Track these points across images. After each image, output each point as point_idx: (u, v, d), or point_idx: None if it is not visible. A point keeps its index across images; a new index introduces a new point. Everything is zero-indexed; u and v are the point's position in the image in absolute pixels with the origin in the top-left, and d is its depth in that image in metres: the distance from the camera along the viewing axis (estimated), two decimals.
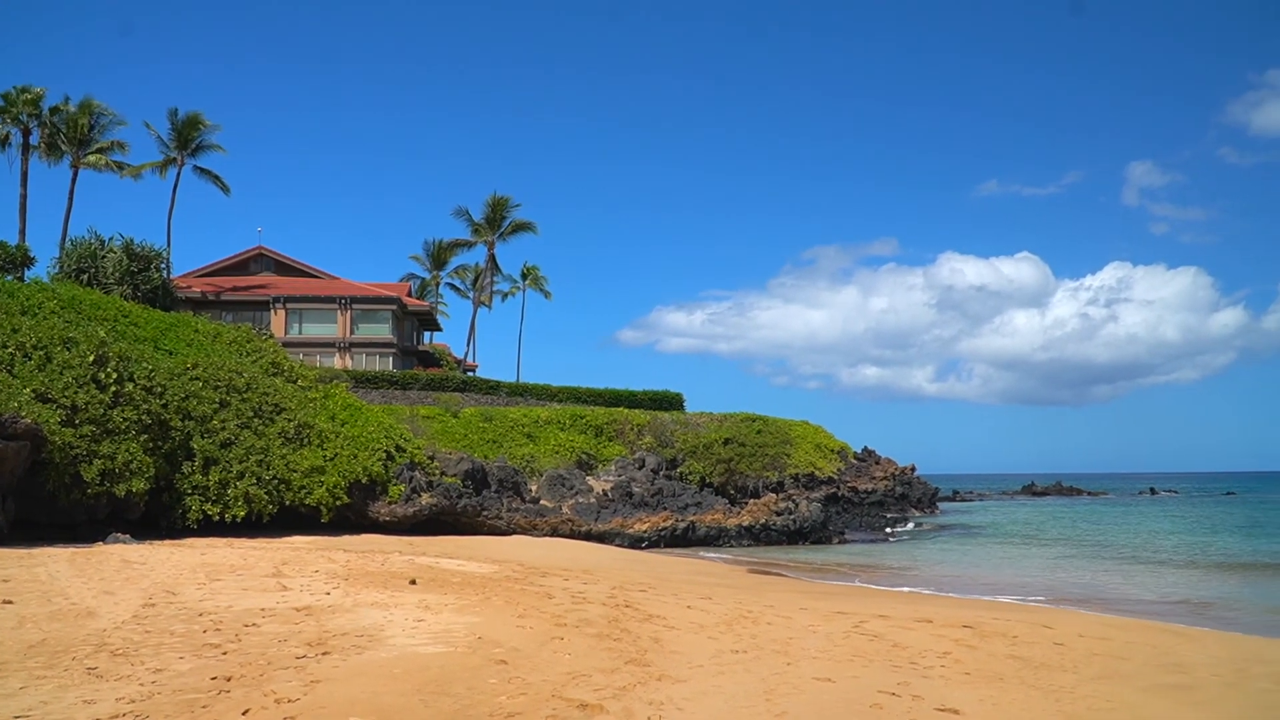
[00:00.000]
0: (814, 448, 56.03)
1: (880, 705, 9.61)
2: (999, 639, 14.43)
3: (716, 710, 9.06)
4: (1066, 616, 18.53)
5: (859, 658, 12.33)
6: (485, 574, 19.88)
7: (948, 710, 9.64)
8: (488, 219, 69.00)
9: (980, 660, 12.69)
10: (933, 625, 15.52)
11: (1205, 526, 53.52)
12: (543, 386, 57.34)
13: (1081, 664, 12.78)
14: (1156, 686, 11.61)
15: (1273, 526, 52.20)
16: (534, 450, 45.55)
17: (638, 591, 18.50)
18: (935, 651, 13.09)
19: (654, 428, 51.38)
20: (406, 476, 33.48)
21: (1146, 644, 14.71)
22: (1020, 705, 10.13)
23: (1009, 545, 41.25)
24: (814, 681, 10.60)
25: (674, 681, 10.19)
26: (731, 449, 51.17)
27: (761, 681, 10.43)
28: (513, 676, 9.82)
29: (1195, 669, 12.80)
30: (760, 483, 50.02)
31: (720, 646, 12.61)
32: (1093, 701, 10.51)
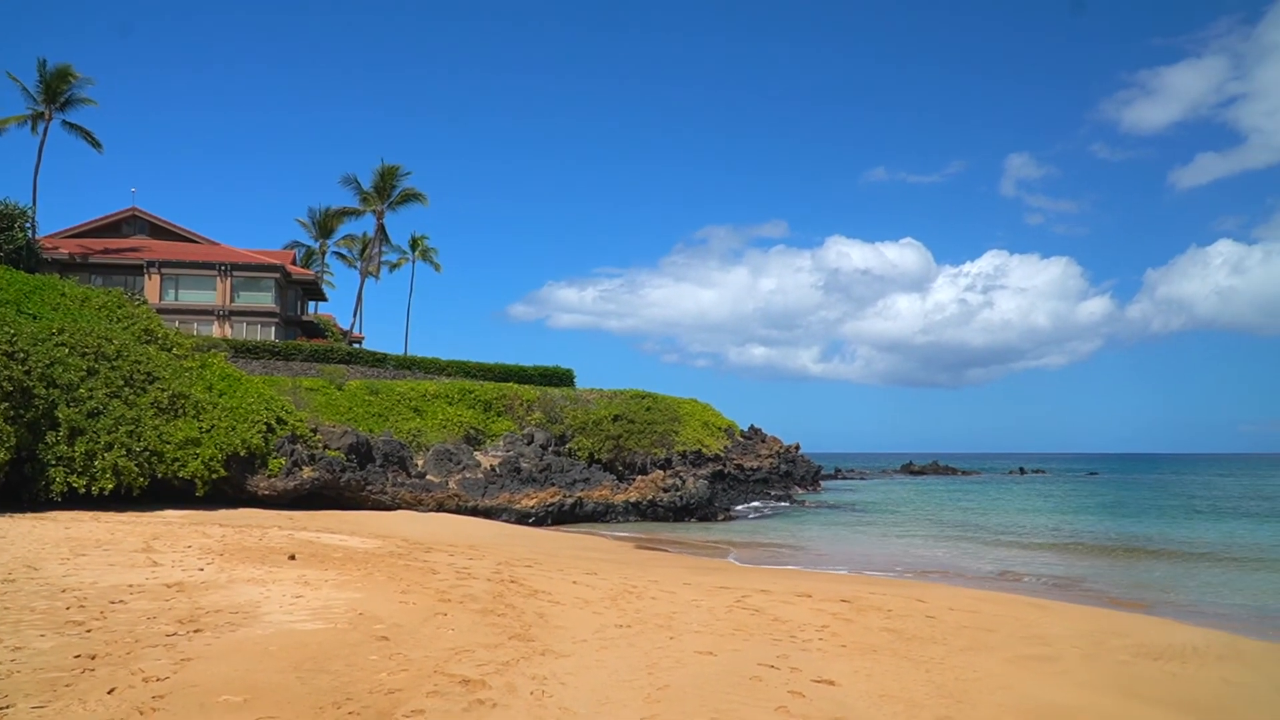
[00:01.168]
0: (702, 425, 56.59)
1: (759, 678, 9.80)
2: (875, 613, 14.87)
3: (600, 684, 9.11)
4: (938, 591, 19.19)
5: (740, 631, 12.55)
6: (368, 549, 19.57)
7: (824, 681, 9.89)
8: (377, 188, 67.37)
9: (857, 633, 13.05)
10: (812, 600, 15.89)
11: (1069, 506, 56.05)
12: (431, 360, 56.50)
13: (951, 636, 13.26)
14: (1021, 658, 12.13)
15: (1133, 506, 54.95)
16: (421, 424, 44.91)
17: (523, 567, 18.46)
18: (814, 625, 13.41)
19: (544, 404, 51.19)
20: (287, 450, 32.64)
21: (1012, 617, 15.34)
22: (893, 676, 10.46)
23: (887, 522, 42.48)
24: (696, 655, 10.75)
25: (558, 656, 10.21)
26: (621, 426, 51.33)
27: (645, 655, 10.53)
28: (394, 653, 9.70)
29: (1057, 641, 13.41)
30: (649, 460, 50.34)
31: (605, 621, 12.68)
32: (960, 672, 10.92)
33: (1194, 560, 27.77)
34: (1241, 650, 13.49)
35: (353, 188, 68.03)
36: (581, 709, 8.21)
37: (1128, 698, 10.29)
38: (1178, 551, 30.23)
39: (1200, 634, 14.79)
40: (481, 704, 8.12)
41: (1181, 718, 9.60)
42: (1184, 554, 29.47)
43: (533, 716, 7.90)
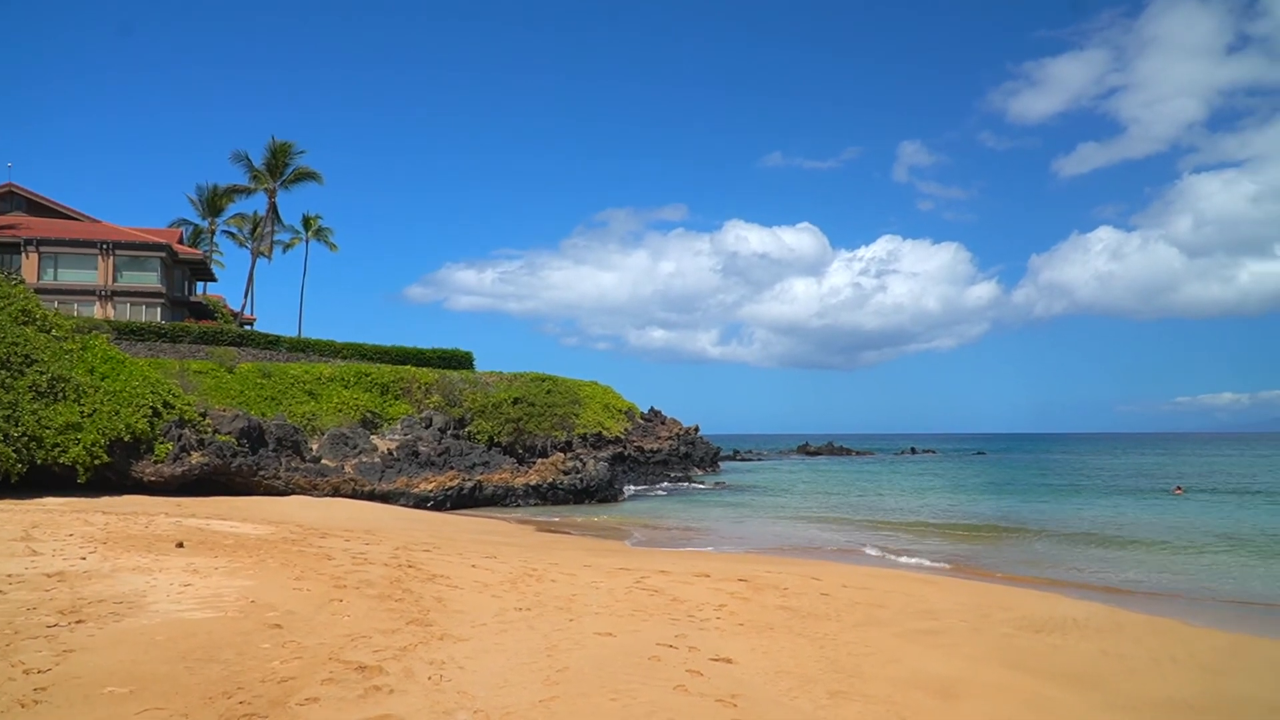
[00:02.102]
0: (602, 408, 56.68)
1: (658, 657, 9.89)
2: (771, 591, 15.12)
3: (498, 667, 9.07)
4: (833, 569, 19.61)
5: (640, 612, 12.63)
6: (260, 535, 19.09)
7: (722, 660, 10.03)
8: (269, 165, 65.40)
9: (754, 611, 13.26)
10: (710, 579, 16.09)
11: (958, 485, 57.88)
12: (326, 342, 55.28)
13: (845, 612, 13.58)
14: (910, 632, 12.49)
15: (1019, 485, 57.02)
16: (316, 408, 43.98)
17: (422, 551, 18.25)
18: (712, 604, 13.58)
19: (442, 386, 50.58)
20: (175, 434, 31.62)
21: (903, 593, 15.78)
22: (789, 653, 10.67)
23: (784, 503, 43.25)
24: (595, 636, 10.79)
25: (456, 640, 10.13)
26: (521, 409, 51.06)
27: (544, 638, 10.52)
28: (287, 640, 9.49)
29: (945, 615, 13.85)
30: (549, 442, 50.21)
31: (504, 605, 12.63)
32: (853, 648, 11.19)
33: (1077, 536, 28.94)
34: (1120, 622, 14.12)
35: (244, 165, 65.92)
36: (480, 692, 8.16)
37: (1010, 669, 10.68)
38: (1061, 528, 31.46)
39: (1082, 607, 15.43)
40: (378, 690, 8.01)
41: (1061, 687, 10.00)
42: (1067, 530, 30.69)
43: (430, 701, 7.83)
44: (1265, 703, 9.85)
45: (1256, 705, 9.75)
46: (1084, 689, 10.03)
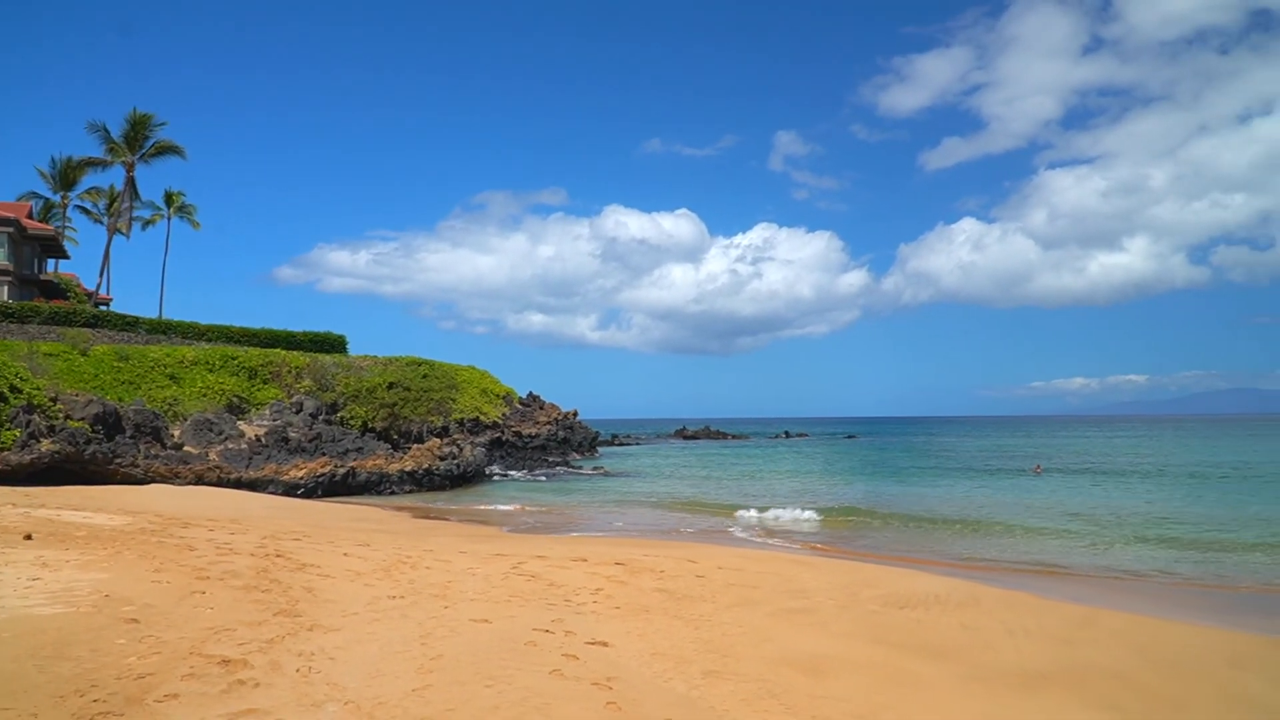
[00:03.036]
0: (480, 393, 56.17)
1: (534, 643, 9.85)
2: (648, 574, 15.24)
3: (371, 657, 8.90)
4: (708, 551, 19.88)
5: (516, 598, 12.57)
6: (116, 526, 18.28)
7: (598, 643, 10.06)
8: (127, 138, 62.31)
9: (630, 595, 13.35)
10: (588, 564, 16.12)
11: (830, 467, 59.43)
12: (189, 324, 53.20)
13: (719, 594, 13.79)
14: (782, 611, 12.77)
15: (889, 467, 58.85)
16: (178, 393, 42.31)
17: (291, 540, 17.76)
18: (589, 588, 13.61)
19: (314, 370, 49.28)
20: (23, 420, 29.99)
21: (775, 574, 16.11)
22: (664, 635, 10.77)
23: (662, 486, 43.61)
24: (471, 623, 10.69)
25: (327, 631, 9.89)
26: (396, 393, 50.17)
27: (418, 626, 10.37)
28: (145, 635, 9.11)
29: (815, 594, 14.20)
30: (425, 427, 49.49)
31: (377, 593, 12.39)
32: (727, 628, 11.38)
33: (942, 515, 30.01)
34: (979, 597, 14.71)
35: (100, 136, 62.60)
36: (351, 683, 7.99)
37: (877, 644, 11.03)
38: (928, 508, 32.59)
39: (943, 583, 16.02)
40: (243, 684, 7.76)
41: (923, 661, 10.37)
42: (933, 510, 31.80)
43: (298, 694, 7.62)
44: (1110, 670, 10.39)
45: (1102, 673, 10.28)
46: (944, 661, 10.42)
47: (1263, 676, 10.42)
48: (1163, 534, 24.64)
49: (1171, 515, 29.05)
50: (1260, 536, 23.67)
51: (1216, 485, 40.76)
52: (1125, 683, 9.94)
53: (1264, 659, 11.25)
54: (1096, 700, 9.24)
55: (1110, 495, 36.72)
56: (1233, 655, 11.37)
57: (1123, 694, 9.52)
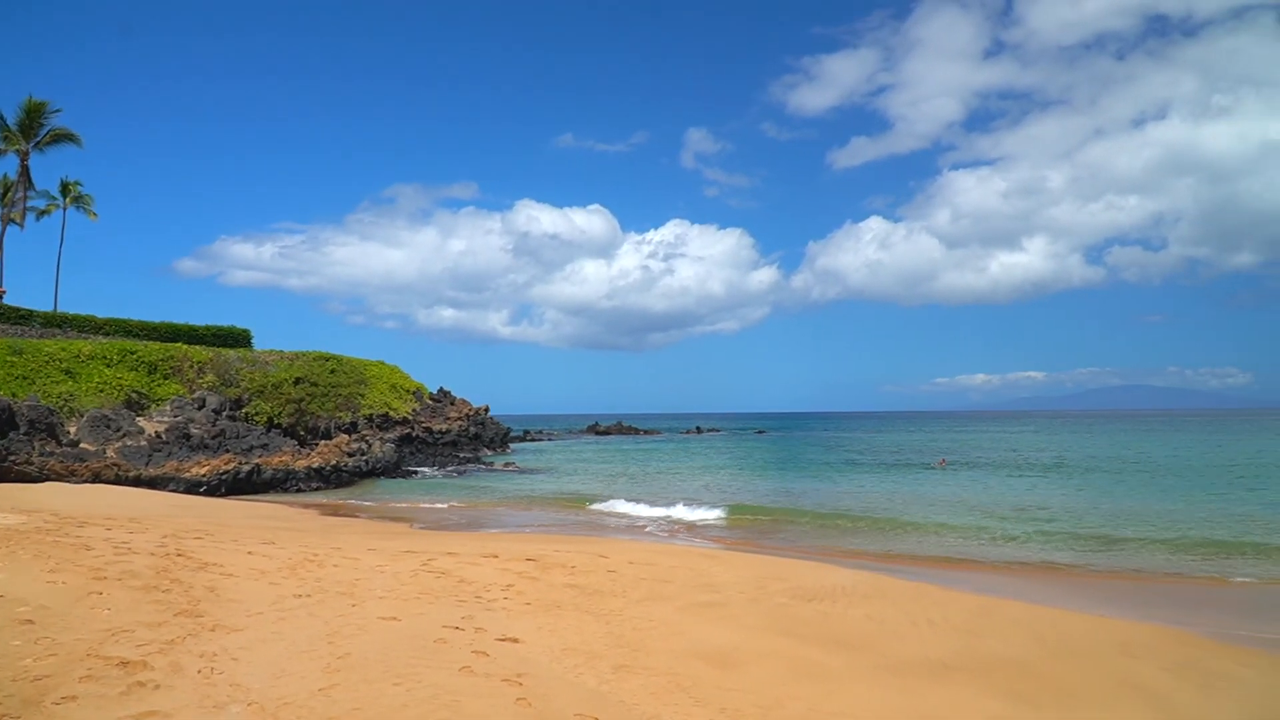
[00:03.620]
0: (389, 388, 55.42)
1: (444, 640, 9.80)
2: (559, 570, 15.25)
3: (275, 657, 8.75)
4: (620, 546, 19.96)
5: (426, 595, 12.47)
6: (10, 525, 17.60)
7: (509, 639, 10.05)
8: (21, 125, 59.82)
9: (541, 590, 13.34)
10: (499, 560, 16.06)
11: (741, 462, 60.02)
12: (86, 318, 51.34)
13: (630, 589, 13.87)
14: (693, 605, 12.90)
15: (798, 462, 59.73)
16: (74, 388, 40.84)
17: (193, 539, 17.32)
18: (500, 585, 13.57)
19: (217, 365, 48.02)
20: None
21: (686, 568, 16.26)
22: (575, 630, 10.80)
23: (574, 482, 43.57)
24: (379, 621, 10.57)
25: (230, 631, 9.69)
26: (303, 389, 49.21)
27: (325, 625, 10.22)
28: (40, 637, 8.81)
29: (725, 588, 14.37)
30: (333, 423, 48.65)
31: (282, 592, 12.17)
32: (638, 622, 11.46)
33: (850, 508, 30.56)
34: (884, 589, 15.05)
35: None
36: (255, 684, 7.85)
37: (784, 636, 11.22)
38: (836, 501, 33.18)
39: (850, 575, 16.35)
40: (142, 686, 7.56)
41: (830, 652, 10.59)
42: (841, 503, 32.38)
43: (200, 695, 7.46)
44: (1010, 658, 10.76)
45: (1003, 661, 10.64)
46: (851, 652, 10.66)
47: (1152, 663, 10.87)
48: (1061, 526, 25.49)
49: (1069, 508, 30.07)
50: (1153, 528, 24.65)
51: (1112, 479, 42.30)
52: (1025, 670, 10.29)
53: (1153, 646, 11.75)
54: (998, 688, 9.55)
55: (1011, 489, 37.84)
56: (1125, 643, 11.85)
57: (1022, 681, 9.86)
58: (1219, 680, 10.23)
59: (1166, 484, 38.76)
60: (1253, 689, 9.96)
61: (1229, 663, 10.99)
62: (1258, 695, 9.74)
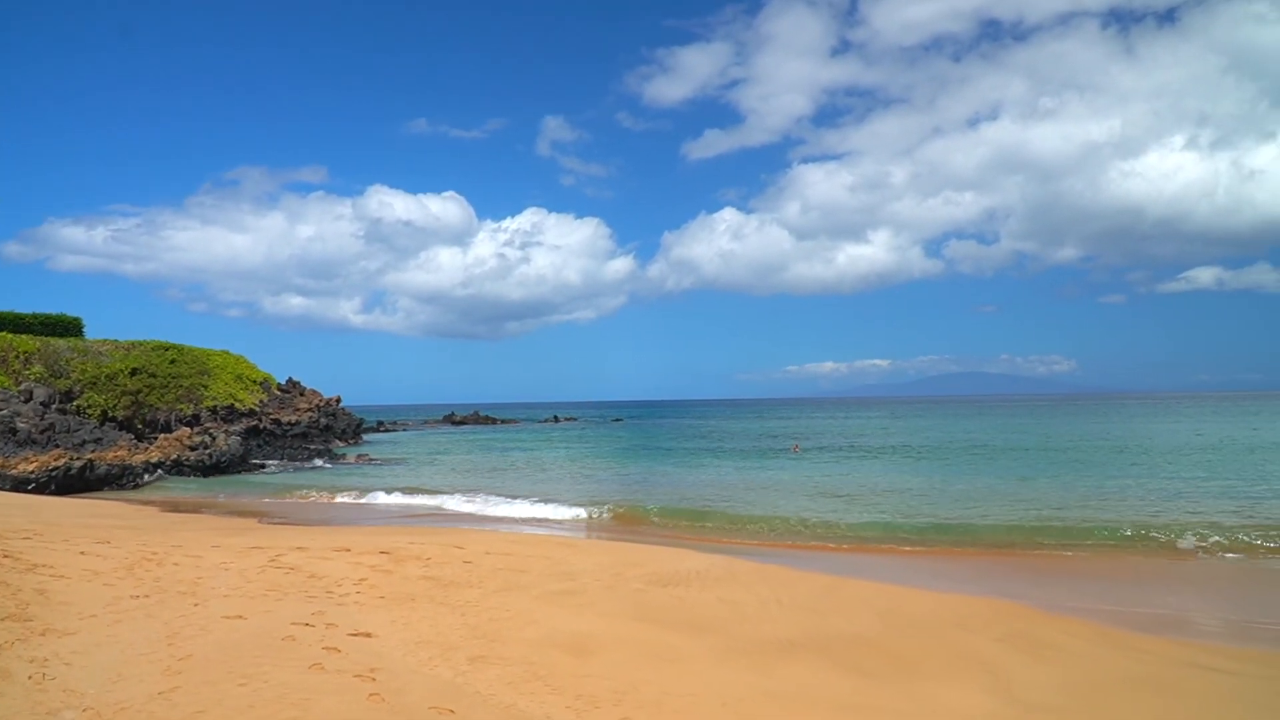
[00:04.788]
0: (235, 379, 53.47)
1: (293, 637, 9.55)
2: (414, 562, 15.04)
3: (111, 660, 8.36)
4: (476, 536, 19.81)
5: (274, 591, 12.12)
6: None
7: (361, 634, 9.87)
8: None
9: (395, 583, 13.14)
10: (351, 554, 15.73)
11: (598, 450, 60.33)
12: None
13: (487, 579, 13.80)
14: (550, 594, 12.93)
15: (656, 450, 60.35)
16: None
17: (20, 539, 16.34)
18: (352, 579, 13.30)
19: (45, 356, 45.34)
20: None
21: (543, 556, 16.27)
22: (430, 623, 10.69)
23: (429, 472, 42.96)
24: (224, 620, 10.22)
25: (62, 635, 9.20)
26: (140, 380, 46.97)
27: (165, 625, 9.82)
28: None
29: (582, 576, 14.45)
30: (174, 416, 46.64)
31: (118, 593, 11.63)
32: (495, 613, 11.42)
33: (705, 494, 31.11)
34: (737, 572, 15.40)
35: None
36: (90, 689, 7.49)
37: (640, 622, 11.38)
38: (692, 487, 33.71)
39: (704, 560, 16.66)
40: None
41: (684, 635, 10.79)
42: (697, 489, 32.93)
43: (31, 703, 7.07)
44: (854, 635, 11.18)
45: (847, 638, 11.05)
46: (704, 635, 10.89)
47: (986, 635, 11.47)
48: (905, 507, 26.57)
49: (914, 489, 31.36)
50: (990, 507, 25.92)
51: (952, 461, 44.31)
52: (868, 646, 10.72)
53: (987, 619, 12.38)
54: (841, 664, 9.92)
55: (860, 472, 39.19)
56: (961, 616, 12.46)
57: (866, 656, 10.27)
58: (1047, 650, 10.87)
59: (1003, 465, 40.84)
60: (1078, 657, 10.63)
61: (1057, 633, 11.69)
62: (1082, 663, 10.40)
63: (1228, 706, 8.94)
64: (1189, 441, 53.71)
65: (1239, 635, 12.12)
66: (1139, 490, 29.08)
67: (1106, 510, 24.52)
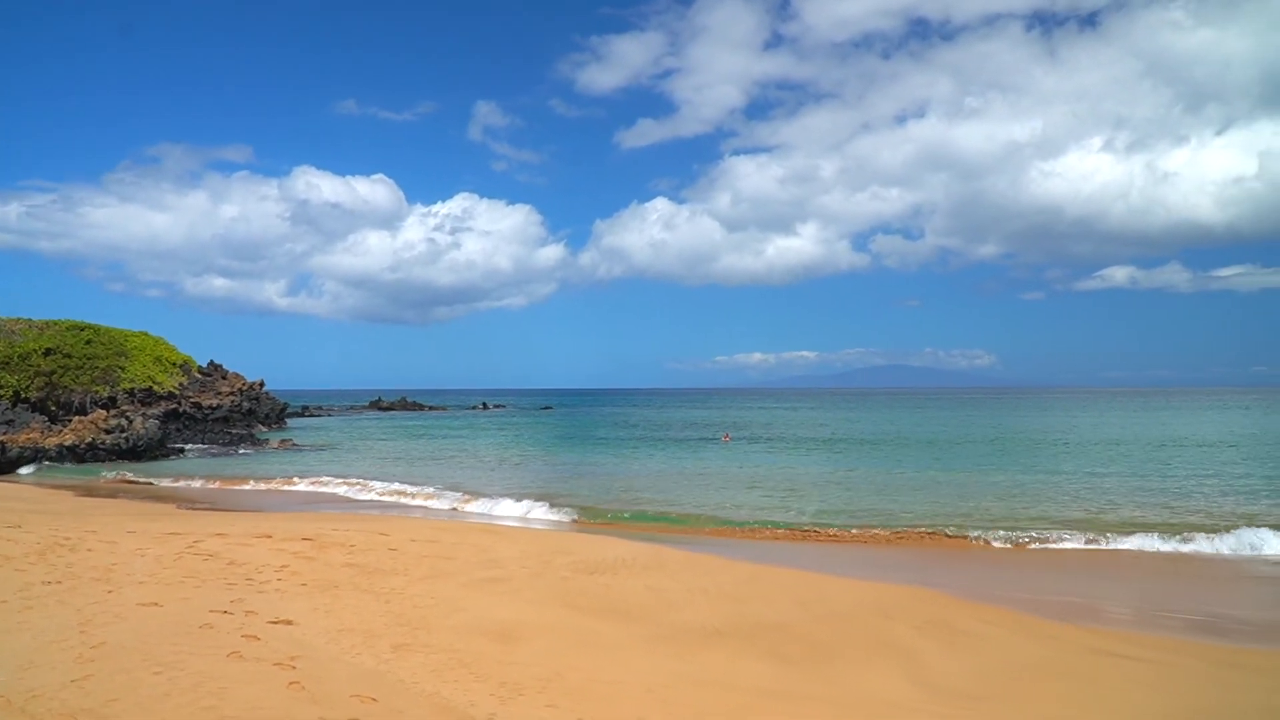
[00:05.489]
0: (153, 361, 52.15)
1: (211, 625, 9.36)
2: (338, 549, 14.85)
3: (22, 648, 8.12)
4: (402, 523, 19.64)
5: (192, 578, 11.87)
6: None
7: (282, 622, 9.71)
8: None
9: (318, 570, 12.96)
10: (273, 540, 15.48)
11: (526, 438, 60.12)
12: None
13: (412, 566, 13.68)
14: (476, 581, 12.87)
15: (587, 438, 60.35)
16: None
17: None
18: (273, 566, 13.09)
19: None
20: None
21: (470, 544, 16.18)
22: (353, 610, 10.57)
23: (354, 458, 42.42)
24: (139, 607, 9.99)
25: None
26: (54, 361, 45.55)
27: (78, 612, 9.57)
28: None
29: (509, 563, 14.40)
30: (89, 398, 45.35)
31: (29, 579, 11.30)
32: (419, 600, 11.33)
33: (638, 481, 31.19)
34: (664, 560, 15.47)
35: None
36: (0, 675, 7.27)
37: (567, 609, 11.38)
38: (624, 475, 33.80)
39: (632, 548, 16.71)
40: None
41: (610, 622, 10.82)
42: (629, 476, 33.02)
43: None
44: (776, 622, 11.32)
45: (769, 625, 11.18)
46: (631, 622, 10.93)
47: (905, 622, 11.69)
48: (831, 496, 26.97)
49: (839, 479, 31.84)
50: (914, 496, 26.44)
51: (878, 451, 45.07)
52: (789, 633, 10.86)
53: (906, 607, 12.62)
54: (763, 651, 10.04)
55: (788, 462, 39.66)
56: (881, 604, 12.68)
57: (786, 643, 10.40)
58: (963, 637, 11.12)
59: (927, 457, 41.66)
60: (993, 644, 10.89)
61: (974, 621, 11.97)
62: (997, 650, 10.66)
63: (1131, 692, 9.25)
64: (1105, 435, 55.39)
65: (1145, 623, 12.54)
66: (1057, 482, 29.89)
67: (1026, 501, 25.16)
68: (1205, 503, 24.83)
